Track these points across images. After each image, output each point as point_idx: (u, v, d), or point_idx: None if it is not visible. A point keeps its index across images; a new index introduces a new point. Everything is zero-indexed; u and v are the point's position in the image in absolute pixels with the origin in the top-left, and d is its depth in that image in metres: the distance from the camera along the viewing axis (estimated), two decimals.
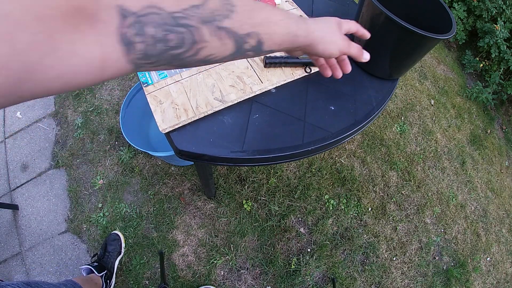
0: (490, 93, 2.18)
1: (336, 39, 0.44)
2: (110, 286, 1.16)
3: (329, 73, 0.55)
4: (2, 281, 0.55)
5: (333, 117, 0.76)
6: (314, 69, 0.84)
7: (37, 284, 0.62)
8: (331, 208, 1.47)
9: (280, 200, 1.44)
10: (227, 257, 1.30)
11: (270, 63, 0.79)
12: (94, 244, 1.29)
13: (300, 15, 0.51)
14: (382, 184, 1.61)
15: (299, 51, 0.44)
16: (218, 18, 0.29)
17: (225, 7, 0.30)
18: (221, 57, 0.32)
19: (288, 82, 0.81)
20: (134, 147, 1.16)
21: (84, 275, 1.11)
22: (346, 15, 1.03)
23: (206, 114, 0.72)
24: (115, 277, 1.21)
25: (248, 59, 0.82)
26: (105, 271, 1.13)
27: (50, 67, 0.21)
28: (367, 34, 0.53)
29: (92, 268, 1.09)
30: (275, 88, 0.79)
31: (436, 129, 1.92)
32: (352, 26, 0.49)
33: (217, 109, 0.73)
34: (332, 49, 0.44)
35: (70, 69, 0.22)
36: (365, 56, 0.51)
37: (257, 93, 0.77)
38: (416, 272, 1.44)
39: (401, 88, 2.03)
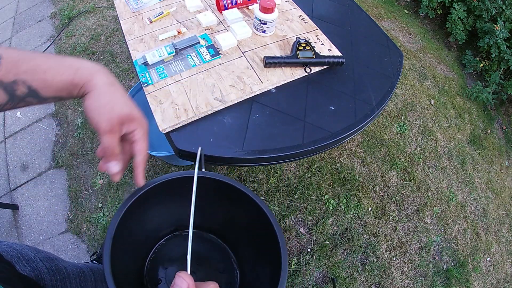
0: (490, 93, 2.18)
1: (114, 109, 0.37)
2: None
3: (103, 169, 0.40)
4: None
5: (333, 117, 0.76)
6: (314, 69, 0.84)
7: (56, 260, 0.63)
8: (331, 208, 1.47)
9: (280, 200, 1.44)
10: None
11: (270, 63, 0.79)
12: (94, 244, 1.29)
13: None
14: (382, 184, 1.61)
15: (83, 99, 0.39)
16: None
17: None
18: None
19: (288, 82, 0.81)
20: None
21: None
22: (346, 15, 1.03)
23: (206, 114, 0.72)
24: None
25: (248, 59, 0.82)
26: None
27: None
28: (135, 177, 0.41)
29: None
30: (275, 88, 0.79)
31: (436, 129, 1.92)
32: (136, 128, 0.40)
33: (217, 109, 0.73)
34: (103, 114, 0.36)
35: None
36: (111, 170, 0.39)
37: (257, 93, 0.77)
38: (416, 272, 1.44)
39: (401, 88, 2.03)
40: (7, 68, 0.33)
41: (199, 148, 0.52)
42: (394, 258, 1.43)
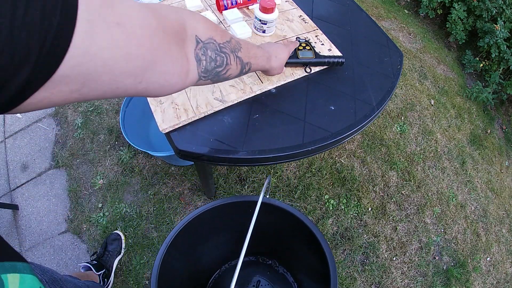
0: (490, 92, 2.18)
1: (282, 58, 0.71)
2: (108, 285, 1.16)
3: None
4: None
5: (333, 117, 0.76)
6: (314, 69, 0.84)
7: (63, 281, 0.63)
8: (331, 208, 1.47)
9: (280, 200, 1.44)
10: None
11: None
12: (94, 244, 1.29)
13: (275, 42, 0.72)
14: (382, 184, 1.61)
15: (265, 72, 0.70)
16: (236, 50, 0.46)
17: (237, 44, 0.47)
18: (233, 75, 0.49)
19: (288, 82, 0.81)
20: (134, 147, 1.16)
21: (82, 272, 1.11)
22: (346, 15, 1.03)
23: (206, 114, 0.72)
24: (114, 277, 1.21)
25: None
26: (104, 270, 1.13)
27: (162, 66, 0.31)
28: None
29: (91, 266, 1.09)
30: (275, 88, 0.79)
31: (436, 129, 1.92)
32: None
33: (217, 109, 0.73)
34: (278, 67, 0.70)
35: (172, 71, 0.34)
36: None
37: (257, 93, 0.77)
38: (416, 272, 1.44)
39: (401, 88, 2.03)
40: (244, 52, 0.49)
41: (268, 177, 0.55)
42: (394, 258, 1.43)
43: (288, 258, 0.56)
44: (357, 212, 1.49)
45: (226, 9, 0.92)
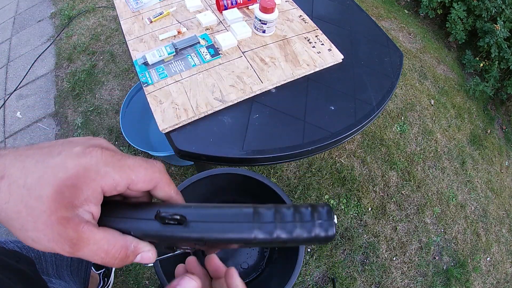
0: (488, 87, 2.19)
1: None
2: (108, 285, 1.16)
3: None
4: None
5: (333, 117, 0.76)
6: (314, 69, 0.84)
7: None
8: None
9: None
10: None
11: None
12: None
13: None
14: (382, 184, 1.61)
15: None
16: None
17: None
18: None
19: (288, 82, 0.81)
20: (134, 147, 1.16)
21: None
22: (346, 15, 1.03)
23: (206, 114, 0.72)
24: (114, 277, 1.21)
25: (248, 59, 0.82)
26: (103, 269, 1.13)
27: None
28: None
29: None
30: (275, 88, 0.79)
31: (436, 129, 1.92)
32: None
33: (217, 109, 0.73)
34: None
35: None
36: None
37: (257, 93, 0.77)
38: (416, 272, 1.43)
39: (401, 88, 2.03)
40: None
41: None
42: (394, 258, 1.43)
43: None
44: (357, 212, 1.49)
45: (226, 9, 0.92)
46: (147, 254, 0.22)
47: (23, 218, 0.18)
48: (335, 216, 0.24)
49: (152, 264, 0.29)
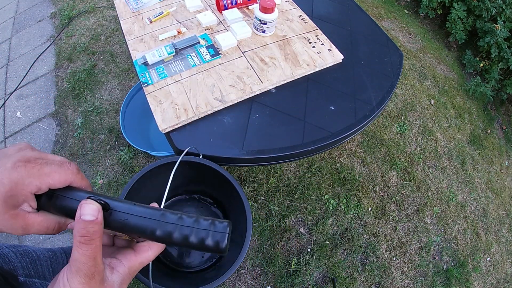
0: (488, 88, 2.19)
1: None
2: None
3: None
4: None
5: (333, 117, 0.76)
6: (314, 69, 0.84)
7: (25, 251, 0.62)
8: (331, 208, 1.47)
9: (280, 200, 1.44)
10: None
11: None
12: None
13: None
14: (382, 184, 1.61)
15: None
16: None
17: None
18: None
19: (288, 82, 0.81)
20: (134, 147, 1.16)
21: None
22: (346, 15, 1.03)
23: (206, 114, 0.72)
24: None
25: (248, 59, 0.82)
26: None
27: None
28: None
29: None
30: (275, 88, 0.79)
31: (436, 129, 1.92)
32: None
33: (217, 109, 0.73)
34: None
35: None
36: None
37: (257, 93, 0.77)
38: (416, 272, 1.44)
39: (401, 88, 2.03)
40: None
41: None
42: (394, 258, 1.43)
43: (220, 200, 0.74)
44: (357, 212, 1.49)
45: (226, 9, 0.92)
46: (72, 223, 0.31)
47: None
48: (229, 230, 0.29)
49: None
